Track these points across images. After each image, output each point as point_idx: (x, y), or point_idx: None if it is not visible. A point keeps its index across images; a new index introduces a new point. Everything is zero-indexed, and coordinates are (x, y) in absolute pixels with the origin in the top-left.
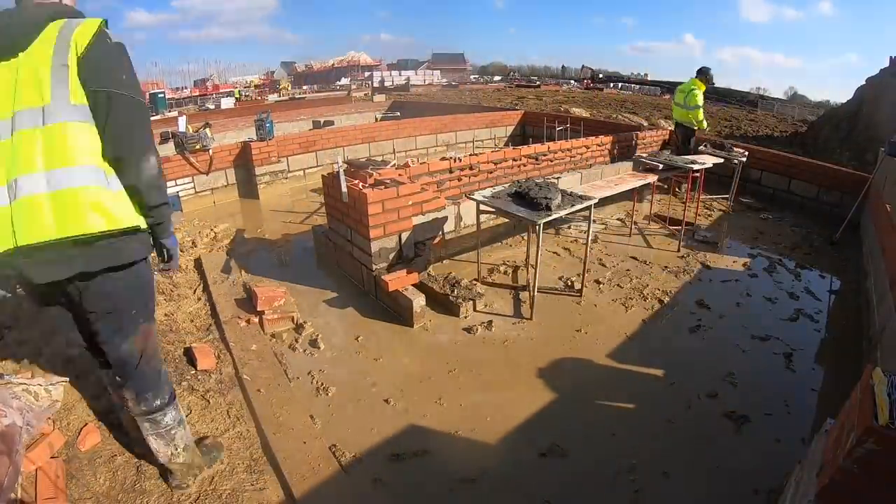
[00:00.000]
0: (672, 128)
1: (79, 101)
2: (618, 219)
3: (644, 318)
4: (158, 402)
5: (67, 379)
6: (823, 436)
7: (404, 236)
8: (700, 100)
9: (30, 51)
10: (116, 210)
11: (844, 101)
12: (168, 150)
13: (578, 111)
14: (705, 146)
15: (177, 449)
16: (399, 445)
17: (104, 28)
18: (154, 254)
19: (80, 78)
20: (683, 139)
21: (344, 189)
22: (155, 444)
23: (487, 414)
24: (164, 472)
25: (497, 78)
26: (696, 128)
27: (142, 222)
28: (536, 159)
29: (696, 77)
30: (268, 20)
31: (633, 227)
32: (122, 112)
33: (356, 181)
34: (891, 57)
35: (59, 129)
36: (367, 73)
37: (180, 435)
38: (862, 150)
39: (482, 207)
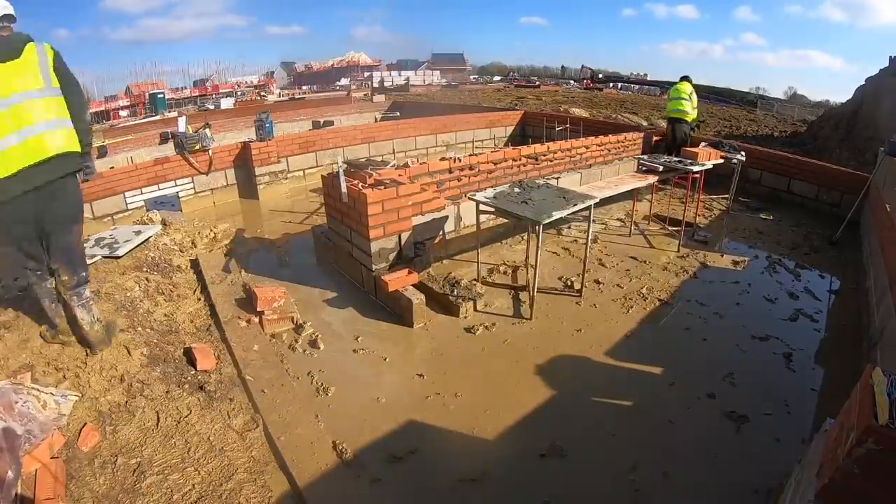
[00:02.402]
0: (668, 126)
1: (56, 84)
2: (618, 219)
3: (644, 318)
4: (84, 274)
5: (80, 394)
6: (823, 436)
7: (404, 236)
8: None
9: (23, 58)
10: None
11: (844, 101)
12: (168, 150)
13: (578, 111)
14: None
15: (94, 318)
16: (400, 445)
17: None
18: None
19: (56, 73)
20: (683, 137)
21: (344, 189)
22: (80, 314)
23: (488, 414)
24: (85, 344)
25: (497, 78)
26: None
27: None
28: (536, 159)
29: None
30: (235, 9)
31: (632, 227)
32: (76, 90)
33: (356, 181)
34: (891, 57)
35: (51, 99)
36: (366, 74)
37: (95, 308)
38: (862, 150)
39: (482, 208)
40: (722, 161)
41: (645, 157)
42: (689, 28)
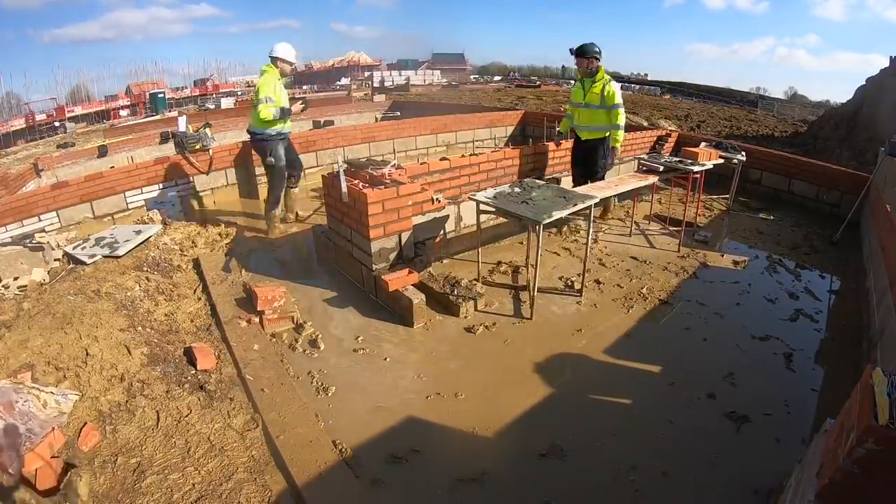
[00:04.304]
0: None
1: None
2: (618, 219)
3: (644, 318)
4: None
5: (80, 394)
6: (823, 436)
7: (404, 236)
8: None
9: None
10: None
11: (844, 101)
12: (168, 150)
13: None
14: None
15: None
16: (400, 445)
17: None
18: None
19: None
20: (600, 155)
21: (344, 189)
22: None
23: (488, 414)
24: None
25: (497, 78)
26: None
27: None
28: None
29: (596, 58)
30: None
31: (633, 227)
32: None
33: (356, 181)
34: (891, 57)
35: None
36: (366, 73)
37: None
38: (862, 150)
39: (482, 207)
40: (722, 161)
41: (645, 156)
42: (734, 23)
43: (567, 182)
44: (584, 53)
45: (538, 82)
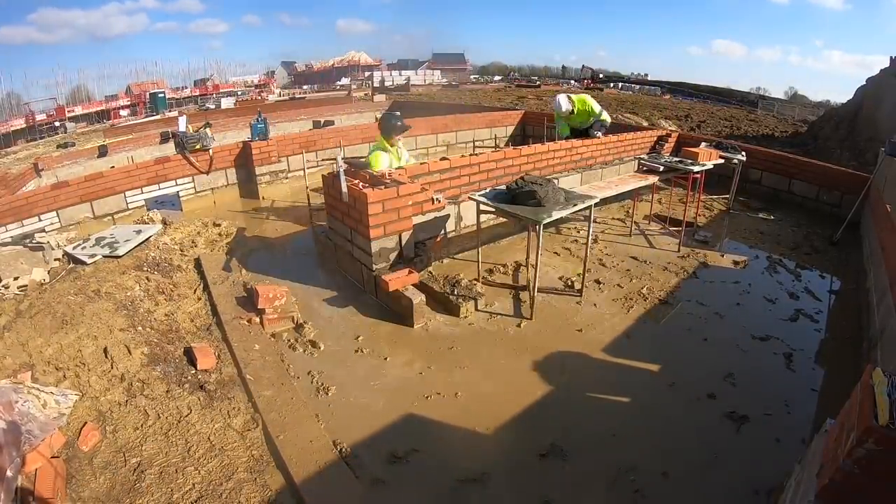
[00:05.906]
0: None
1: None
2: (618, 219)
3: (644, 318)
4: None
5: (80, 394)
6: (823, 436)
7: (404, 236)
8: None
9: None
10: None
11: (844, 101)
12: (168, 149)
13: None
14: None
15: None
16: (400, 444)
17: None
18: None
19: None
20: None
21: (344, 189)
22: None
23: (488, 414)
24: None
25: (497, 78)
26: None
27: None
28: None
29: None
30: None
31: (633, 227)
32: None
33: (356, 181)
34: (891, 57)
35: None
36: (367, 73)
37: None
38: (862, 150)
39: (482, 207)
40: (722, 161)
41: (645, 156)
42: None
43: (566, 182)
44: None
45: (538, 82)
